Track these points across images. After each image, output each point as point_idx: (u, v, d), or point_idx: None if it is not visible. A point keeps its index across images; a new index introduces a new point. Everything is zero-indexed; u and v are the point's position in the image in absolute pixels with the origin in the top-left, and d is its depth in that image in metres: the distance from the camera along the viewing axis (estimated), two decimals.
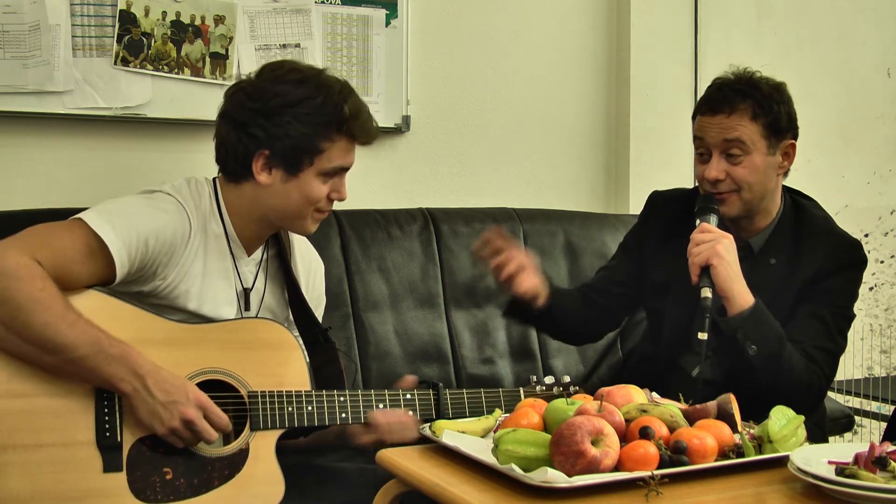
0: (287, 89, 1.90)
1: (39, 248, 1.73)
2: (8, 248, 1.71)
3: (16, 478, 1.70)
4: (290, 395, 1.91)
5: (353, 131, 1.93)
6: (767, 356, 1.97)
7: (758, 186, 2.09)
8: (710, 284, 1.97)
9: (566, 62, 3.13)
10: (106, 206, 1.84)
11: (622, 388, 1.70)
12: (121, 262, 1.79)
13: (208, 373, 1.87)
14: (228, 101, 1.96)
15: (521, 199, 3.04)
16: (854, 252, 2.15)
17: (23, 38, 2.37)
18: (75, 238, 1.78)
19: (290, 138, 1.89)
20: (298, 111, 1.89)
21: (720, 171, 2.08)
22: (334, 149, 1.92)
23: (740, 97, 2.07)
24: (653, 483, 1.38)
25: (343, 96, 1.92)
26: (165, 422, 1.75)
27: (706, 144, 2.10)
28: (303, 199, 1.93)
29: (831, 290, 2.10)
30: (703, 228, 2.02)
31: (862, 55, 3.55)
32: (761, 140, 2.07)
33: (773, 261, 2.14)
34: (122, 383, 1.73)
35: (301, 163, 1.91)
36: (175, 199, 1.90)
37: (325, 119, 1.90)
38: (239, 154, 1.92)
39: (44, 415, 1.73)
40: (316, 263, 2.19)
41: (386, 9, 2.79)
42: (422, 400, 2.02)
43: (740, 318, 1.96)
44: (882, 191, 3.62)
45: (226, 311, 1.97)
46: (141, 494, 1.77)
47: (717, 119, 2.08)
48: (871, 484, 1.34)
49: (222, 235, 1.96)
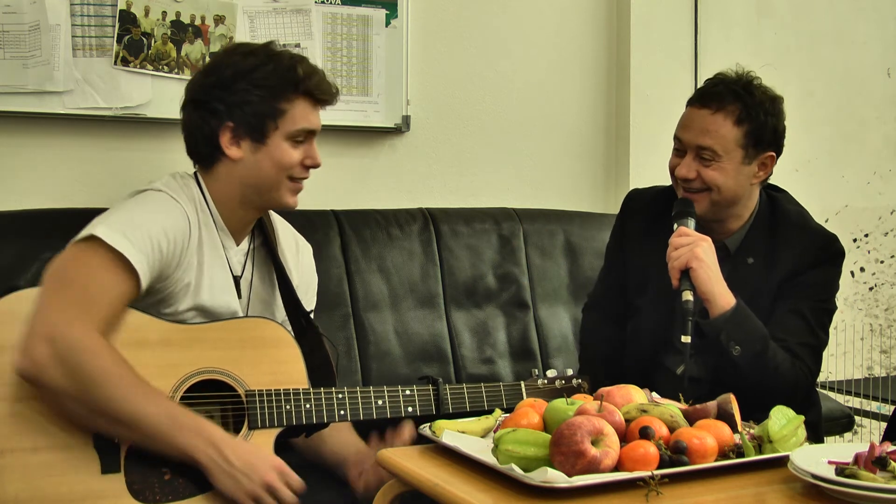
0: (238, 59, 1.95)
1: (92, 307, 1.74)
2: (71, 321, 1.71)
3: (14, 481, 1.70)
4: (288, 393, 1.91)
5: (310, 89, 1.95)
6: (752, 356, 1.97)
7: (727, 191, 2.09)
8: (690, 287, 1.98)
9: (566, 62, 3.13)
10: (115, 218, 1.82)
11: (622, 388, 1.70)
12: (143, 274, 1.80)
13: (205, 372, 1.87)
14: (187, 90, 2.00)
15: (521, 199, 3.04)
16: (830, 245, 2.15)
17: (23, 38, 2.37)
18: (108, 273, 1.77)
19: (250, 104, 1.92)
20: (254, 76, 1.93)
21: (691, 170, 2.09)
22: (296, 109, 1.94)
23: (731, 97, 2.07)
24: (653, 483, 1.38)
25: (294, 60, 1.96)
26: (247, 489, 1.75)
27: (682, 143, 2.11)
28: (275, 167, 1.95)
29: (809, 284, 2.10)
30: (681, 232, 2.03)
31: (862, 55, 3.55)
32: (737, 149, 2.06)
33: (751, 260, 2.14)
34: (200, 454, 1.74)
35: (266, 128, 1.93)
36: (170, 196, 1.91)
37: (281, 80, 1.93)
38: (206, 134, 1.95)
39: (41, 417, 1.73)
40: (302, 244, 2.20)
41: (386, 9, 2.79)
42: (421, 395, 2.02)
43: (722, 320, 1.97)
44: (882, 191, 3.62)
45: (226, 299, 1.97)
46: (139, 495, 1.77)
47: (702, 113, 2.08)
48: (871, 484, 1.34)
49: (212, 225, 1.97)
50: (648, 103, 3.15)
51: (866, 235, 3.57)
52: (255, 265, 2.07)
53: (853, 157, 3.56)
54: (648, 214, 2.28)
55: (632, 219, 2.33)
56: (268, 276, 2.09)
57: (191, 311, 1.93)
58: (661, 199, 2.27)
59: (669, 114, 3.13)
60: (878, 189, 3.61)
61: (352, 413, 1.95)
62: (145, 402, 1.72)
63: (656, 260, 2.11)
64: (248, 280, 2.04)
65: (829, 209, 3.44)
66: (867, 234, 3.58)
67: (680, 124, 2.14)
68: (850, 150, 3.56)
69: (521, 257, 2.81)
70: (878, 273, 3.62)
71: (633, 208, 2.35)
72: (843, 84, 3.53)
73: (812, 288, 2.11)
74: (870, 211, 3.59)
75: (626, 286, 2.31)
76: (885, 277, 3.64)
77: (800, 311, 2.08)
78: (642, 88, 3.15)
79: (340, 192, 2.78)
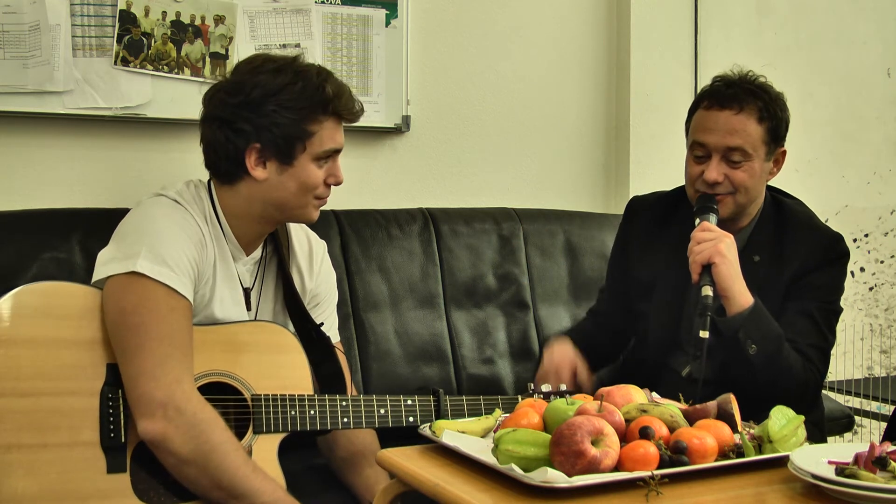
0: (266, 79, 1.89)
1: (185, 358, 1.79)
2: (180, 380, 1.76)
3: (20, 477, 1.70)
4: (294, 398, 1.91)
5: (339, 110, 1.93)
6: (767, 355, 1.97)
7: (753, 191, 2.10)
8: (710, 283, 1.96)
9: (566, 62, 3.13)
10: (148, 245, 1.81)
11: (622, 388, 1.70)
12: (190, 297, 1.83)
13: (212, 375, 1.87)
14: (209, 103, 1.94)
15: (521, 199, 3.04)
16: (836, 246, 2.15)
17: (23, 38, 2.37)
18: (174, 312, 1.79)
19: (279, 126, 1.87)
20: (282, 98, 1.87)
21: (720, 173, 2.07)
22: (324, 131, 1.91)
23: (751, 97, 2.06)
24: (653, 483, 1.38)
25: (322, 78, 1.92)
26: None
27: (707, 147, 2.09)
28: (301, 188, 1.92)
29: (817, 286, 2.11)
30: (705, 227, 2.02)
31: (862, 55, 3.55)
32: (762, 146, 2.07)
33: (757, 258, 2.14)
34: None
35: (294, 150, 1.89)
36: (185, 209, 1.90)
37: (310, 102, 1.89)
38: (230, 153, 1.90)
39: (49, 415, 1.74)
40: (315, 245, 2.17)
41: (386, 9, 2.79)
42: (422, 405, 2.03)
43: (741, 318, 1.96)
44: (882, 191, 3.62)
45: (237, 312, 1.97)
46: (144, 496, 1.77)
47: (724, 115, 2.06)
48: (871, 484, 1.34)
49: (221, 237, 1.96)
50: (648, 103, 3.15)
51: (866, 235, 3.57)
52: (266, 276, 2.06)
53: (853, 157, 3.56)
54: (652, 220, 2.28)
55: (635, 225, 2.32)
56: (279, 287, 2.08)
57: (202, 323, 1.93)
58: (664, 204, 2.26)
59: (669, 114, 3.15)
60: (878, 189, 3.61)
61: (355, 421, 1.96)
62: (255, 475, 1.77)
63: (662, 264, 2.10)
64: (258, 291, 2.04)
65: (829, 209, 3.44)
66: (867, 234, 3.58)
67: (699, 129, 2.11)
68: (850, 150, 3.56)
69: (521, 257, 2.81)
70: (878, 273, 3.62)
71: (636, 214, 2.35)
72: (843, 84, 3.53)
73: (820, 289, 2.11)
74: (870, 211, 3.59)
75: (628, 295, 2.30)
76: (885, 277, 3.64)
77: (809, 312, 2.08)
78: (642, 88, 3.15)
79: (340, 192, 2.75)
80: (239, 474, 1.75)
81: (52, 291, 1.83)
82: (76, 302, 1.81)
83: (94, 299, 1.81)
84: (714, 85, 2.14)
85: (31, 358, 1.75)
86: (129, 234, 1.85)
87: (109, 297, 1.80)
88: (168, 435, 1.72)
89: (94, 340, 1.80)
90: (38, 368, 1.75)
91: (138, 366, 1.74)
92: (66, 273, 2.18)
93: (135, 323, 1.76)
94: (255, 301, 2.03)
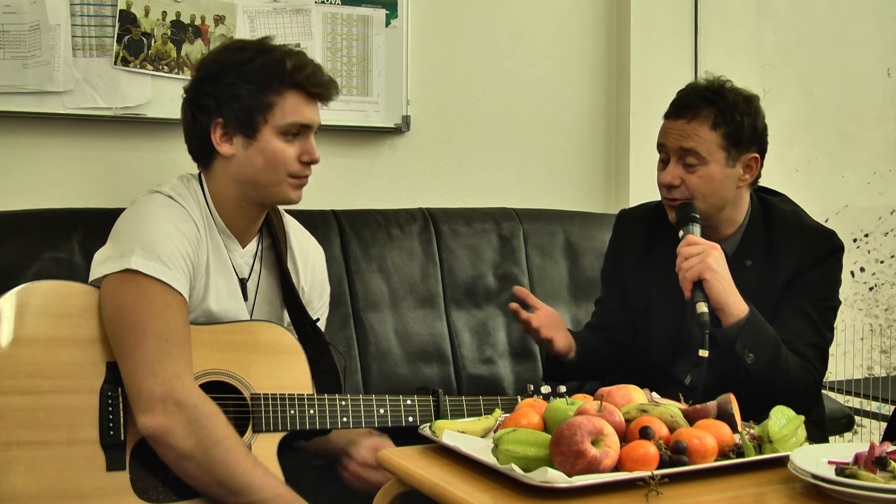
0: (228, 55, 1.95)
1: (183, 354, 1.79)
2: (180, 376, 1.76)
3: (20, 474, 1.71)
4: (293, 398, 1.92)
5: (300, 82, 1.93)
6: (765, 362, 1.96)
7: (712, 197, 2.08)
8: (704, 299, 1.94)
9: (566, 62, 3.13)
10: (142, 240, 1.82)
11: (622, 388, 1.70)
12: (185, 292, 1.83)
13: (211, 374, 1.87)
14: (184, 88, 2.00)
15: (521, 199, 3.04)
16: (828, 242, 2.14)
17: (23, 38, 2.37)
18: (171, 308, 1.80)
19: (238, 98, 1.90)
20: (241, 71, 1.91)
21: (675, 176, 2.08)
22: (285, 103, 1.92)
23: (704, 104, 2.06)
24: (653, 483, 1.38)
25: (284, 54, 1.94)
26: None
27: (665, 149, 2.11)
28: (269, 163, 1.93)
29: (812, 283, 2.10)
30: (690, 241, 2.00)
31: (862, 55, 3.55)
32: (719, 151, 2.06)
33: (749, 263, 2.13)
34: None
35: (255, 122, 1.91)
36: (180, 203, 1.91)
37: (268, 74, 1.91)
38: (197, 132, 1.95)
39: (49, 412, 1.74)
40: (313, 250, 2.18)
41: (386, 9, 2.79)
42: (421, 406, 2.03)
43: (737, 328, 1.95)
44: (882, 191, 3.62)
45: (232, 304, 1.97)
46: (143, 494, 1.77)
47: (678, 124, 2.08)
48: (871, 484, 1.34)
49: (214, 228, 1.97)
50: (648, 103, 3.15)
51: (866, 235, 3.57)
52: (263, 267, 2.06)
53: (853, 157, 3.56)
54: (642, 232, 2.28)
55: (626, 238, 2.32)
56: (276, 279, 2.09)
57: (199, 318, 1.93)
58: (654, 215, 2.26)
59: None
60: (878, 189, 3.61)
61: (354, 421, 1.96)
62: (255, 471, 1.77)
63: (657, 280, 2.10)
64: (255, 282, 2.04)
65: (829, 209, 3.44)
66: (867, 234, 3.58)
67: (660, 136, 2.14)
68: (850, 150, 3.56)
69: (521, 257, 2.81)
70: (878, 273, 3.62)
71: (626, 228, 2.34)
72: (843, 84, 3.53)
73: (815, 287, 2.10)
74: (870, 211, 3.59)
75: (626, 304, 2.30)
76: (885, 277, 3.64)
77: (805, 310, 2.07)
78: (642, 88, 3.15)
79: (340, 192, 2.78)
80: (240, 470, 1.74)
81: (52, 291, 1.83)
82: (76, 301, 1.82)
83: (93, 298, 1.82)
84: (677, 94, 2.15)
85: (31, 356, 1.76)
86: (124, 232, 1.86)
87: (106, 296, 1.81)
88: (169, 429, 1.72)
89: (93, 339, 1.81)
90: (38, 366, 1.75)
91: (136, 362, 1.75)
92: (66, 273, 2.18)
93: (131, 320, 1.77)
94: (251, 291, 2.03)
